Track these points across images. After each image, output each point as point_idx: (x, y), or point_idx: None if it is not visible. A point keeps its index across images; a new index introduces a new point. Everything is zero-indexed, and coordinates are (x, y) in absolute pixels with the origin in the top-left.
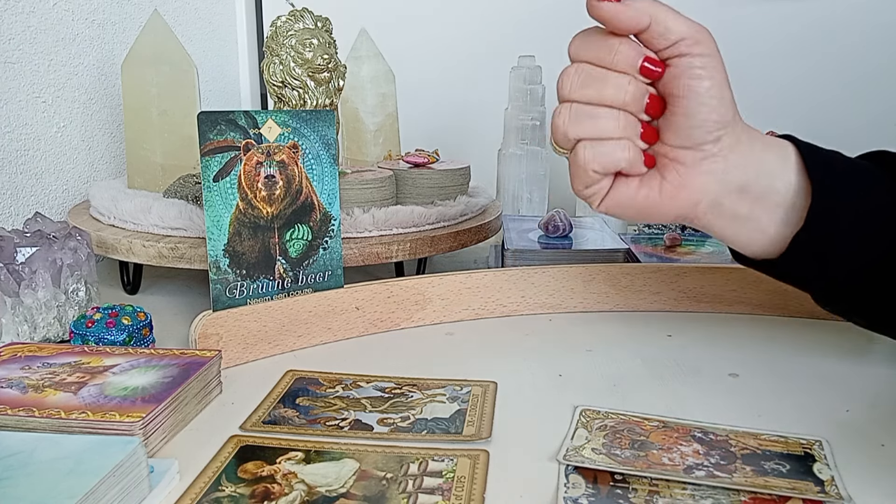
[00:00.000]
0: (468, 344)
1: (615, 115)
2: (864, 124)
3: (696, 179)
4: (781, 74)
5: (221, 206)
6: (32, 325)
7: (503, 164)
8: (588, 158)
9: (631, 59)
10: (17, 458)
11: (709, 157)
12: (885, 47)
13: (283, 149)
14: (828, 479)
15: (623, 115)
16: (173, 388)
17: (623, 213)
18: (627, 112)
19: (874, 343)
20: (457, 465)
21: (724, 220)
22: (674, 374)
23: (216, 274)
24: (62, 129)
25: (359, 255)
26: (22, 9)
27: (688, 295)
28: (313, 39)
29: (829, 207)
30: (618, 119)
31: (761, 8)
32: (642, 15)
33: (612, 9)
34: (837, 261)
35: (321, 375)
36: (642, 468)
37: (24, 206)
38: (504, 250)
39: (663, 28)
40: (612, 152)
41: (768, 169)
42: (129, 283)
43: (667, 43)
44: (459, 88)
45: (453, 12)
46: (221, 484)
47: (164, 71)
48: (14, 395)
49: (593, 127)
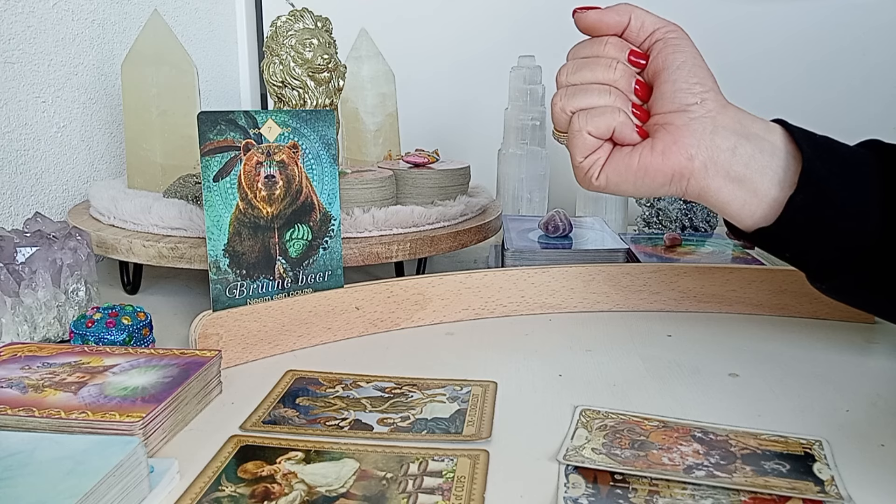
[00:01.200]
0: (468, 344)
1: (606, 90)
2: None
3: (688, 136)
4: (781, 74)
5: (221, 206)
6: (32, 325)
7: (503, 164)
8: (582, 123)
9: (619, 49)
10: (17, 458)
11: (697, 118)
12: (885, 47)
13: (283, 149)
14: (828, 479)
15: (613, 90)
16: (173, 388)
17: (622, 180)
18: (617, 88)
19: (874, 343)
20: (457, 465)
21: (719, 179)
22: (674, 374)
23: (216, 274)
24: (62, 129)
25: (359, 255)
26: (22, 9)
27: (688, 295)
28: (313, 39)
29: (820, 170)
30: (609, 92)
31: (761, 8)
32: (623, 14)
33: (596, 14)
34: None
35: (321, 375)
36: (642, 468)
37: (24, 206)
38: (504, 250)
39: (640, 23)
40: (603, 114)
41: (757, 133)
42: (129, 283)
43: (645, 35)
44: (459, 88)
45: (453, 12)
46: (221, 484)
47: (164, 71)
48: (14, 395)
49: (586, 100)
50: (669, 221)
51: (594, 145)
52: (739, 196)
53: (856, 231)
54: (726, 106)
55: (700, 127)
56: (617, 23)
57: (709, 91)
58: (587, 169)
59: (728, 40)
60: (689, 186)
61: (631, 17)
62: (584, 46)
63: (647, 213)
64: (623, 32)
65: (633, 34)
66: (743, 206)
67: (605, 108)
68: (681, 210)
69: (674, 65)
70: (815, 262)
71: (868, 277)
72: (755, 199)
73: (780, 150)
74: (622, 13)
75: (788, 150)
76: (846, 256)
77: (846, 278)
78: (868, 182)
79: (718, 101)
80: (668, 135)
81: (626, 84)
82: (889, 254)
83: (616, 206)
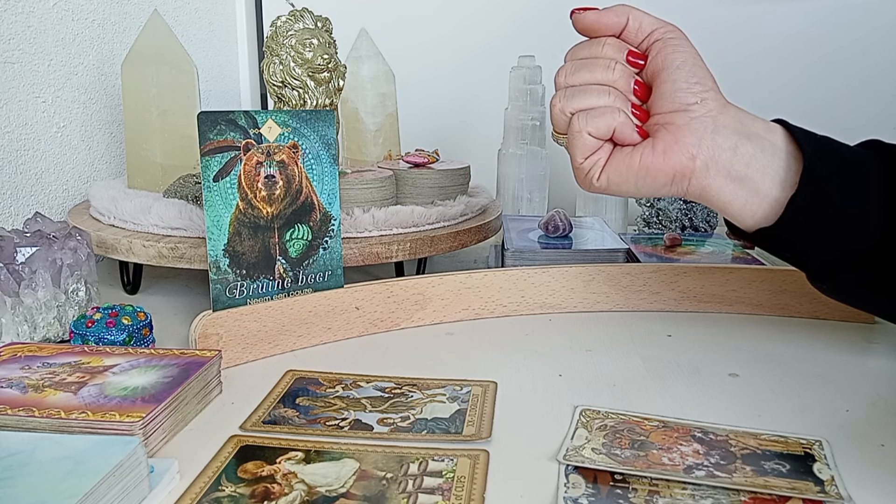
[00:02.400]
0: (468, 344)
1: (605, 90)
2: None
3: (689, 135)
4: (781, 74)
5: (221, 206)
6: (32, 325)
7: (503, 164)
8: (582, 124)
9: (617, 49)
10: (17, 458)
11: (698, 118)
12: (885, 47)
13: (283, 149)
14: (828, 479)
15: (612, 90)
16: (173, 388)
17: (623, 181)
18: (616, 89)
19: (874, 343)
20: (457, 465)
21: (720, 179)
22: (674, 374)
23: (216, 274)
24: (62, 129)
25: (359, 255)
26: (22, 9)
27: (688, 295)
28: (313, 39)
29: (821, 170)
30: (608, 93)
31: (761, 8)
32: (621, 14)
33: (594, 15)
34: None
35: (321, 375)
36: (642, 468)
37: (24, 206)
38: (504, 250)
39: (639, 23)
40: (603, 115)
41: (758, 133)
42: (129, 283)
43: (644, 35)
44: (459, 88)
45: (453, 12)
46: (221, 484)
47: (164, 71)
48: (14, 395)
49: (585, 100)
50: (669, 221)
51: (594, 146)
52: (741, 196)
53: (856, 231)
54: (727, 105)
55: (701, 126)
56: (615, 23)
57: (709, 91)
58: (588, 170)
59: (728, 40)
60: (691, 186)
61: (629, 18)
62: (583, 47)
63: (647, 213)
64: (621, 33)
65: (632, 35)
66: (744, 206)
67: (604, 109)
68: (681, 210)
69: (673, 64)
70: (815, 262)
71: (868, 277)
72: (756, 199)
73: (781, 150)
74: (620, 14)
75: (789, 150)
76: (846, 256)
77: (846, 278)
78: (869, 182)
79: (719, 100)
80: (669, 134)
81: (625, 84)
82: (889, 254)
83: (616, 206)
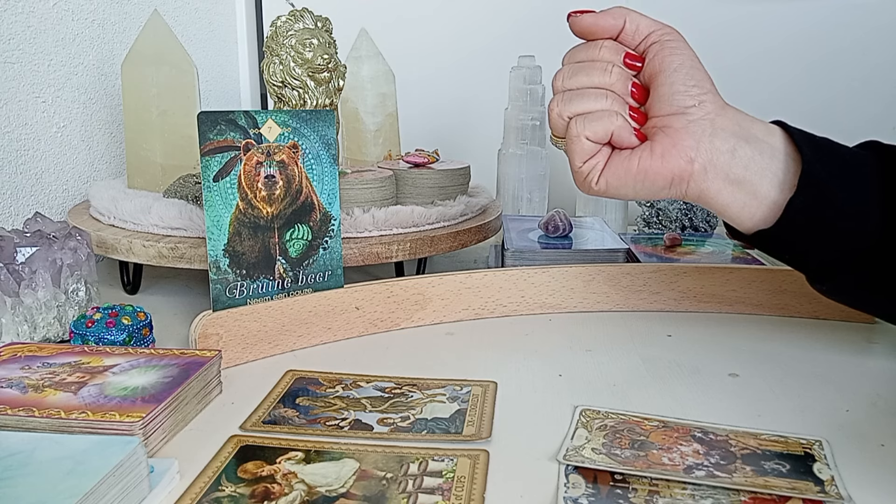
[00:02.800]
0: (468, 344)
1: (603, 94)
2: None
3: (687, 138)
4: (781, 74)
5: (221, 206)
6: (32, 325)
7: (503, 164)
8: (580, 128)
9: (614, 52)
10: (17, 458)
11: (696, 121)
12: (886, 47)
13: (283, 149)
14: (828, 479)
15: (610, 94)
16: (173, 388)
17: (622, 184)
18: (614, 92)
19: (874, 343)
20: (457, 465)
21: (719, 181)
22: (674, 374)
23: (216, 274)
24: (62, 129)
25: (359, 255)
26: (22, 9)
27: (688, 295)
28: (313, 39)
29: (820, 171)
30: (606, 96)
31: (761, 8)
32: (618, 17)
33: (591, 18)
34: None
35: (321, 375)
36: (642, 468)
37: (24, 206)
38: (504, 250)
39: (636, 26)
40: (601, 118)
41: (756, 135)
42: (129, 283)
43: (641, 37)
44: (459, 88)
45: (453, 12)
46: (221, 484)
47: (164, 71)
48: (14, 395)
49: (583, 104)
50: (669, 221)
51: (593, 150)
52: (739, 198)
53: (856, 232)
54: (725, 108)
55: (699, 129)
56: (612, 26)
57: (707, 93)
58: (586, 174)
59: (727, 40)
60: (689, 189)
61: (626, 20)
62: (580, 50)
63: (647, 213)
64: (618, 36)
65: (629, 37)
66: (743, 209)
67: (602, 112)
68: (681, 210)
69: (671, 67)
70: (815, 263)
71: (868, 278)
72: (755, 202)
73: (779, 152)
74: (617, 16)
75: (788, 151)
76: (846, 257)
77: (846, 279)
78: (868, 183)
79: (717, 103)
80: (667, 138)
81: (622, 87)
82: (889, 254)
83: (616, 206)
